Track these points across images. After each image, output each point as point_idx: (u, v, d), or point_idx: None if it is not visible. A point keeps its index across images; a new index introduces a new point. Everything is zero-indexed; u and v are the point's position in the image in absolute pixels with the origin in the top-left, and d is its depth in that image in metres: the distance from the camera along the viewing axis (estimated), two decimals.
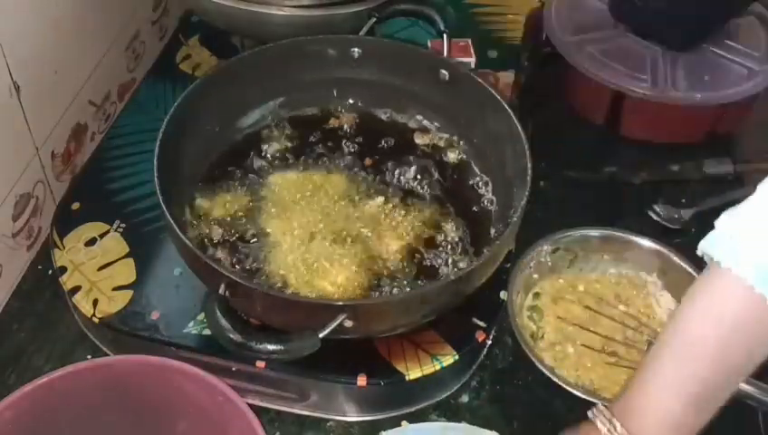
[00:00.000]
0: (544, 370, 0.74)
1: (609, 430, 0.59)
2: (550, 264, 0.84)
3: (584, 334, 0.80)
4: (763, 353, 0.58)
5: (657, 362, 0.60)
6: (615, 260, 0.86)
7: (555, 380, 0.74)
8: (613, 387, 0.77)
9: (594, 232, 0.85)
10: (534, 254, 0.83)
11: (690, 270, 0.82)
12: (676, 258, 0.83)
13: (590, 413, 0.63)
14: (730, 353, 0.58)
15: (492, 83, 0.96)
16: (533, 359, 0.75)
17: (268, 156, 0.87)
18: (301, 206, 0.81)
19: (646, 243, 0.85)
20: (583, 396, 0.73)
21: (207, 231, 0.79)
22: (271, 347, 0.61)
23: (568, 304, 0.83)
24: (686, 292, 0.61)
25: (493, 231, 0.81)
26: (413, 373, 0.73)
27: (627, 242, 0.85)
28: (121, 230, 0.83)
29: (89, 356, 0.79)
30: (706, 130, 1.02)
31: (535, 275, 0.84)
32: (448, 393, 0.78)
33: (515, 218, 0.72)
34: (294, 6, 0.90)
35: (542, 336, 0.81)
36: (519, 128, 0.78)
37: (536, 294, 0.84)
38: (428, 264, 0.78)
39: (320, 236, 0.78)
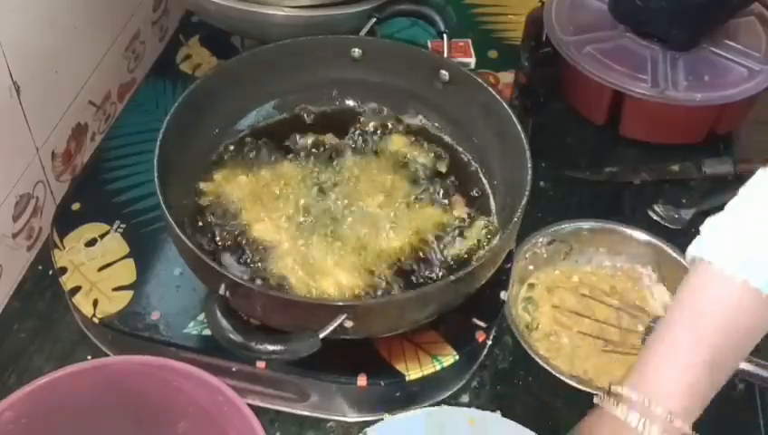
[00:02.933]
0: (538, 359, 0.75)
1: (642, 408, 0.59)
2: (545, 256, 0.85)
3: (579, 321, 0.81)
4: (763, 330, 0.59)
5: (668, 333, 0.60)
6: (610, 253, 0.87)
7: (549, 369, 0.75)
8: (607, 377, 0.78)
9: (589, 225, 0.87)
10: (530, 245, 0.84)
11: (685, 263, 0.82)
12: (670, 251, 0.84)
13: (598, 400, 0.62)
14: (736, 331, 0.59)
15: (492, 83, 0.96)
16: (528, 349, 0.76)
17: (269, 155, 0.86)
18: (303, 206, 0.81)
19: (641, 236, 0.86)
20: (577, 386, 0.74)
21: (207, 230, 0.79)
22: (271, 347, 0.61)
23: (563, 293, 0.83)
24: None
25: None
26: (413, 373, 0.73)
27: (622, 235, 0.86)
28: (121, 231, 0.83)
29: (89, 356, 0.79)
30: (706, 130, 1.02)
31: (530, 267, 0.85)
32: (448, 393, 0.78)
33: (515, 219, 0.72)
34: (294, 6, 0.90)
35: (537, 327, 0.81)
36: (519, 128, 0.78)
37: (531, 286, 0.84)
38: (428, 264, 0.78)
39: (320, 236, 0.78)
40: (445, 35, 0.90)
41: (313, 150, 0.87)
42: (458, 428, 0.70)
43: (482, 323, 0.77)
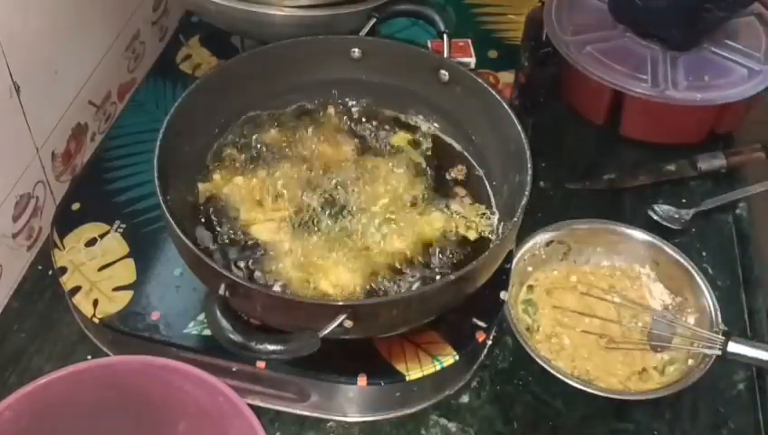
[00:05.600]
0: (540, 361, 0.76)
1: None
2: (544, 256, 0.86)
3: (580, 320, 0.81)
4: None
5: None
6: (608, 252, 0.87)
7: (553, 372, 0.75)
8: (609, 377, 0.78)
9: (587, 225, 0.87)
10: (528, 247, 0.84)
11: (683, 261, 0.83)
12: (668, 250, 0.84)
13: None
14: None
15: (492, 83, 0.96)
16: (529, 351, 0.76)
17: (269, 155, 0.86)
18: (303, 206, 0.81)
19: (639, 235, 0.86)
20: (579, 386, 0.74)
21: (207, 230, 0.79)
22: (271, 347, 0.61)
23: (562, 293, 0.84)
24: None
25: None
26: (413, 374, 0.73)
27: (620, 234, 0.87)
28: (121, 230, 0.83)
29: (89, 356, 0.79)
30: (706, 130, 1.02)
31: (529, 268, 0.85)
32: (448, 393, 0.78)
33: (515, 219, 0.72)
34: (294, 6, 0.90)
35: (538, 329, 0.82)
36: (519, 128, 0.78)
37: (530, 287, 0.85)
38: (428, 263, 0.78)
39: (320, 237, 0.78)
40: (445, 35, 0.90)
41: (313, 150, 0.87)
42: None
43: (482, 324, 0.77)
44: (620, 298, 0.82)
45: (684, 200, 0.97)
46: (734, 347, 0.73)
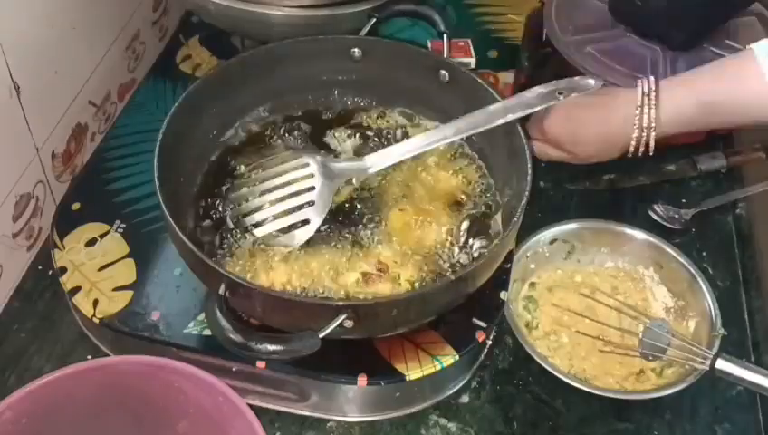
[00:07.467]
0: (537, 358, 0.75)
1: (646, 92, 0.81)
2: (547, 255, 0.86)
3: (580, 321, 0.81)
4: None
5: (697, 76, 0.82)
6: (612, 253, 0.87)
7: (548, 368, 0.75)
8: (606, 377, 0.78)
9: (592, 224, 0.87)
10: (532, 244, 0.84)
11: (686, 265, 0.83)
12: (673, 253, 0.84)
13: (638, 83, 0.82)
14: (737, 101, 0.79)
15: (492, 83, 0.95)
16: (527, 348, 0.76)
17: (266, 157, 0.86)
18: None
19: (643, 237, 0.86)
20: (577, 385, 0.74)
21: (208, 230, 0.79)
22: (271, 347, 0.61)
23: (564, 292, 0.84)
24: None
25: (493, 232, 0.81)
26: (413, 374, 0.73)
27: (624, 235, 0.87)
28: (122, 230, 0.83)
29: (89, 356, 0.79)
30: (707, 130, 1.02)
31: (532, 266, 0.85)
32: (449, 393, 0.78)
33: (516, 219, 0.72)
34: (294, 6, 0.90)
35: (537, 326, 0.82)
36: (519, 128, 0.78)
37: (532, 284, 0.85)
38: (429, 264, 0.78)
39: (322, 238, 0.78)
40: (445, 35, 0.90)
41: (313, 150, 0.87)
42: None
43: (482, 323, 0.77)
44: (621, 302, 0.81)
45: (684, 200, 0.97)
46: (721, 365, 0.73)
